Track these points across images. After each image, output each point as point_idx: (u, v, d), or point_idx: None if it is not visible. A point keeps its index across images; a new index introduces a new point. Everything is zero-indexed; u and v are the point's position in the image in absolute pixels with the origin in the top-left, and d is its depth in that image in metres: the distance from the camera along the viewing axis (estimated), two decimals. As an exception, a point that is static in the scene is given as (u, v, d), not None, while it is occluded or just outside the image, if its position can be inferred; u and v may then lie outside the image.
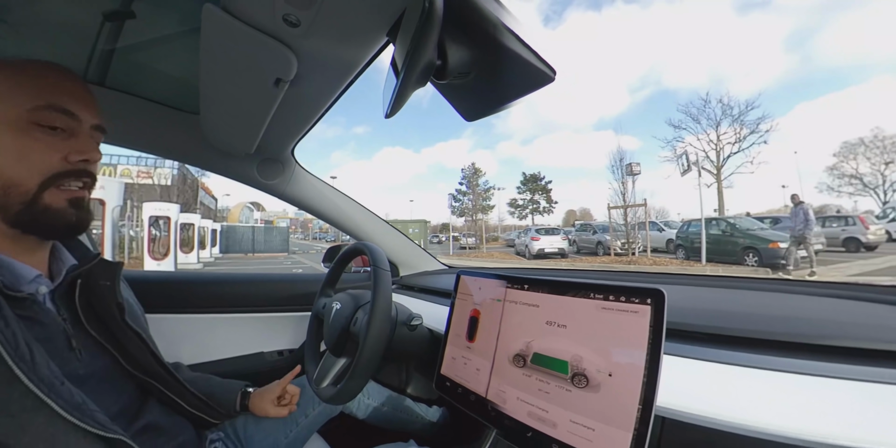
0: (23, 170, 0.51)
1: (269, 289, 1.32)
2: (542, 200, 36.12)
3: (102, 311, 0.60)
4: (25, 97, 0.51)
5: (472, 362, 0.64)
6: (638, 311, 0.47)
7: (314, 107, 0.79)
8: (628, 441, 0.44)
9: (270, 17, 0.48)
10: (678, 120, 21.35)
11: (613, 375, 0.47)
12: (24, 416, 0.40)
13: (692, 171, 13.65)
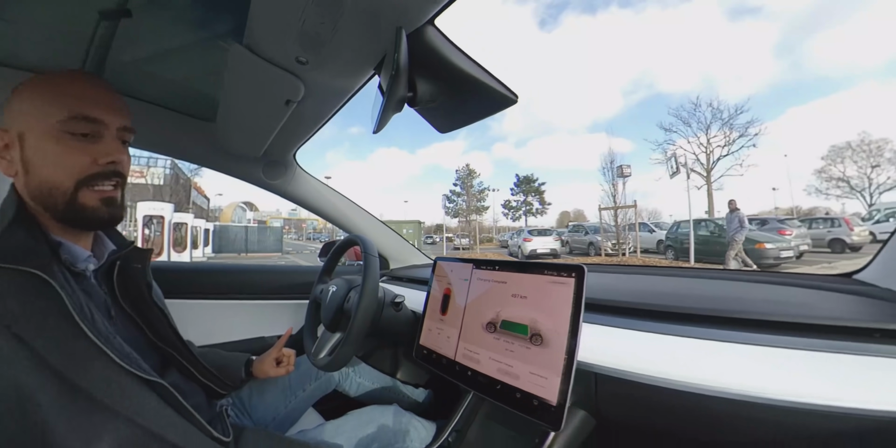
0: (60, 174, 0.58)
1: (269, 278, 1.44)
2: (535, 202, 36.38)
3: (134, 289, 0.70)
4: (56, 110, 0.58)
5: (443, 332, 0.77)
6: (566, 283, 0.59)
7: (315, 120, 0.92)
8: (557, 381, 0.57)
9: (285, 57, 0.61)
10: (669, 123, 21.66)
11: (559, 333, 0.59)
12: (88, 363, 0.51)
13: (681, 174, 13.89)
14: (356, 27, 0.52)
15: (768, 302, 0.72)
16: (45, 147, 0.57)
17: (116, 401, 0.50)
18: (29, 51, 0.84)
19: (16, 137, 0.57)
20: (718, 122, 20.22)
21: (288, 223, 47.84)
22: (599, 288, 0.85)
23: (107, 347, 0.52)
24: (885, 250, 0.68)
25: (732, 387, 0.51)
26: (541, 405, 0.59)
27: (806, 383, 0.48)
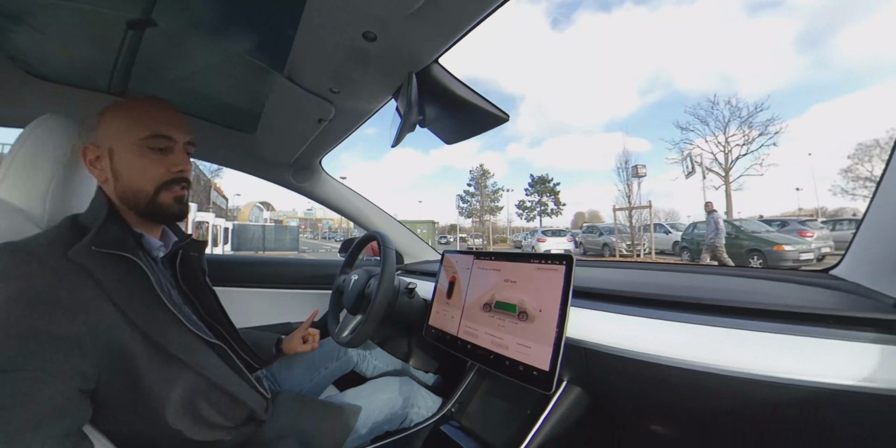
0: (143, 181, 0.71)
1: (294, 270, 1.62)
2: (550, 202, 36.13)
3: (191, 273, 0.85)
4: (138, 130, 0.68)
5: (448, 313, 0.91)
6: (557, 269, 0.72)
7: (341, 133, 1.09)
8: (549, 352, 0.69)
9: (321, 87, 0.77)
10: (686, 122, 21.35)
11: (542, 311, 0.73)
12: (166, 327, 0.65)
13: (697, 174, 13.68)
14: (380, 68, 0.67)
15: (738, 292, 0.81)
16: (130, 160, 0.69)
17: (187, 357, 0.65)
18: (63, 64, 0.99)
19: (106, 152, 0.69)
20: (737, 121, 19.81)
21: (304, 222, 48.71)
22: (590, 279, 0.97)
23: (180, 315, 0.67)
24: (852, 247, 0.73)
25: (698, 360, 0.60)
26: (526, 370, 0.72)
27: (756, 359, 0.56)
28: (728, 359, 0.58)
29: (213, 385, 0.67)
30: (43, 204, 0.70)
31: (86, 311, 0.55)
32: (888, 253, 0.62)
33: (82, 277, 0.57)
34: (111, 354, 0.57)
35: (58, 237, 0.61)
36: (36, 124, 0.72)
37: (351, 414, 0.87)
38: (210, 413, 0.67)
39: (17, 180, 0.69)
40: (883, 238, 0.63)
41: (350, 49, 0.63)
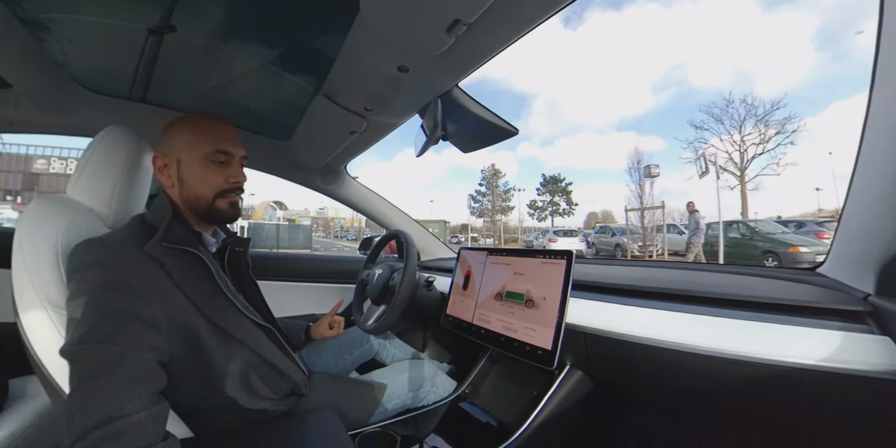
0: (205, 188, 0.78)
1: (319, 265, 1.76)
2: (562, 202, 35.87)
3: (236, 266, 0.97)
4: (204, 145, 0.77)
5: (464, 302, 1.04)
6: (559, 263, 0.83)
7: (368, 143, 1.22)
8: (552, 334, 0.80)
9: (355, 106, 0.90)
10: (700, 120, 20.78)
11: (546, 299, 0.84)
12: (224, 311, 0.77)
13: (711, 173, 13.47)
14: (409, 92, 0.79)
15: (728, 286, 0.87)
16: (195, 170, 0.78)
17: (242, 336, 0.77)
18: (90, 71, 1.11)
19: (174, 161, 0.78)
20: (753, 119, 19.32)
21: (316, 221, 49.31)
22: (589, 274, 1.07)
23: (235, 301, 0.79)
24: (833, 246, 0.80)
25: (685, 342, 0.69)
26: (532, 350, 0.83)
27: (739, 342, 0.65)
28: (714, 342, 0.66)
29: (264, 361, 0.79)
30: (109, 205, 0.81)
31: (160, 297, 0.66)
32: (859, 251, 0.69)
33: (155, 268, 0.68)
34: (181, 333, 0.68)
35: (133, 234, 0.72)
36: (102, 135, 0.81)
37: (378, 390, 0.99)
38: (260, 385, 0.78)
39: (89, 185, 0.79)
40: (855, 238, 0.70)
41: (385, 77, 0.75)
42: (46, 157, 29.73)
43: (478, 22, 0.57)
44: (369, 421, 0.94)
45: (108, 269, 0.63)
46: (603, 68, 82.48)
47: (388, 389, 1.00)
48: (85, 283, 0.61)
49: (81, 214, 0.74)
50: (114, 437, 0.48)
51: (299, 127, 1.15)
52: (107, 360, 0.55)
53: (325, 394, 0.91)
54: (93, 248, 0.65)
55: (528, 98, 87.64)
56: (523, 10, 0.58)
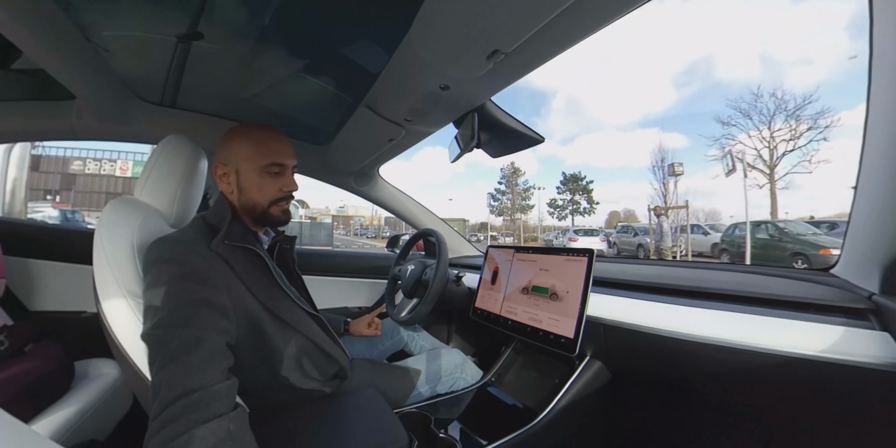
0: (261, 196, 0.85)
1: (351, 261, 1.87)
2: (582, 201, 35.33)
3: (284, 262, 1.06)
4: (262, 157, 0.83)
5: (492, 296, 1.12)
6: (581, 260, 0.91)
7: (402, 148, 1.31)
8: (574, 323, 0.88)
9: (397, 117, 0.99)
10: (727, 116, 19.72)
11: (569, 292, 0.91)
12: (280, 301, 0.86)
13: (738, 171, 12.98)
14: (447, 106, 0.88)
15: (740, 284, 0.91)
16: (252, 179, 0.85)
17: (296, 323, 0.87)
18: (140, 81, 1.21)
19: (233, 170, 0.84)
20: (783, 114, 18.40)
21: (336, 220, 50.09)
22: (609, 271, 1.13)
23: (288, 291, 0.89)
24: (844, 247, 0.83)
25: (693, 333, 0.76)
26: (556, 338, 0.91)
27: (749, 335, 0.71)
28: (726, 334, 0.72)
29: (315, 345, 0.88)
30: (172, 206, 0.89)
31: (227, 288, 0.75)
32: (866, 252, 0.73)
33: (221, 263, 0.77)
34: (245, 320, 0.76)
35: (200, 233, 0.80)
36: (164, 143, 0.90)
37: (414, 374, 1.08)
38: (310, 367, 0.88)
39: (155, 188, 0.86)
40: (862, 239, 0.74)
41: (426, 93, 0.84)
42: (82, 159, 31.10)
43: (514, 49, 0.64)
44: (405, 403, 1.03)
45: (183, 264, 0.71)
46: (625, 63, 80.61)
47: (421, 375, 1.08)
48: (163, 276, 0.69)
49: (150, 214, 0.82)
50: (193, 405, 0.55)
51: (339, 134, 1.26)
52: (185, 342, 0.62)
53: (366, 377, 1.00)
54: (169, 245, 0.73)
55: (547, 95, 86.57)
56: (557, 38, 0.65)
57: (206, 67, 1.17)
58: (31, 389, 0.98)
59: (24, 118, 1.31)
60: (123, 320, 0.70)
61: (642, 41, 78.53)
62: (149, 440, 0.52)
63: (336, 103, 1.26)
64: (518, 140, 0.93)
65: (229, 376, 0.64)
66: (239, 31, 1.00)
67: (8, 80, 1.24)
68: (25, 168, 3.18)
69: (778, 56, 52.61)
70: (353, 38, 0.96)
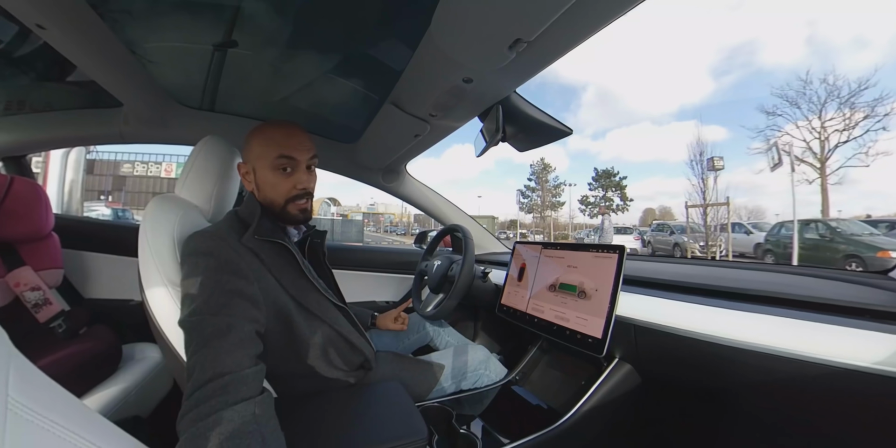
0: (276, 195, 0.87)
1: (379, 257, 1.90)
2: (615, 197, 34.29)
3: (314, 255, 1.09)
4: (269, 151, 0.84)
5: (519, 293, 1.11)
6: (611, 257, 0.88)
7: (429, 144, 1.32)
8: (602, 323, 0.85)
9: (421, 112, 0.99)
10: (772, 105, 18.11)
11: (598, 291, 0.89)
12: (308, 292, 0.89)
13: (784, 165, 12.11)
14: (472, 99, 0.88)
15: (789, 286, 0.85)
16: (266, 176, 0.86)
17: (323, 314, 0.89)
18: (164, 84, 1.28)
19: (251, 169, 0.88)
20: (835, 101, 16.65)
21: (367, 217, 51.07)
22: (642, 270, 1.09)
23: (316, 284, 0.91)
24: None
25: (733, 337, 0.71)
26: (583, 338, 0.89)
27: (786, 339, 0.65)
28: (770, 340, 0.66)
29: (341, 336, 0.91)
30: (209, 202, 0.94)
31: (258, 279, 0.78)
32: None
33: (252, 256, 0.80)
34: (274, 309, 0.79)
35: (232, 227, 0.84)
36: (201, 144, 0.95)
37: (438, 369, 1.08)
38: (335, 357, 0.90)
39: (194, 186, 0.92)
40: None
41: (450, 87, 0.83)
42: (131, 162, 33.86)
43: (537, 38, 0.63)
44: (428, 397, 1.03)
45: (217, 256, 0.74)
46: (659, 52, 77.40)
47: (445, 370, 1.09)
48: (198, 267, 0.73)
49: (190, 210, 0.87)
50: (223, 389, 0.58)
51: (366, 131, 1.27)
52: (218, 329, 0.65)
53: (391, 370, 1.01)
54: (204, 238, 0.77)
55: (576, 89, 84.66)
56: (579, 25, 0.64)
57: (240, 72, 1.24)
58: (84, 368, 1.08)
59: (78, 125, 1.45)
60: (164, 307, 0.75)
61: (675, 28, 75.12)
62: (182, 417, 0.56)
63: (362, 101, 1.29)
64: (545, 132, 0.91)
65: (257, 362, 0.66)
66: (270, 37, 1.05)
67: (64, 91, 1.38)
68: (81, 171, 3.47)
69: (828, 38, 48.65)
70: (376, 37, 0.98)
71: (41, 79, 1.32)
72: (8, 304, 1.18)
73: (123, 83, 1.14)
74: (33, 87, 1.38)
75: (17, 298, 1.20)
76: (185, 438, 0.53)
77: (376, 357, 1.02)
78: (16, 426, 0.33)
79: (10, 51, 1.11)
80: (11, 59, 1.17)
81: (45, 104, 1.44)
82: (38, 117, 1.46)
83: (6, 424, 0.32)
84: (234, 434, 0.53)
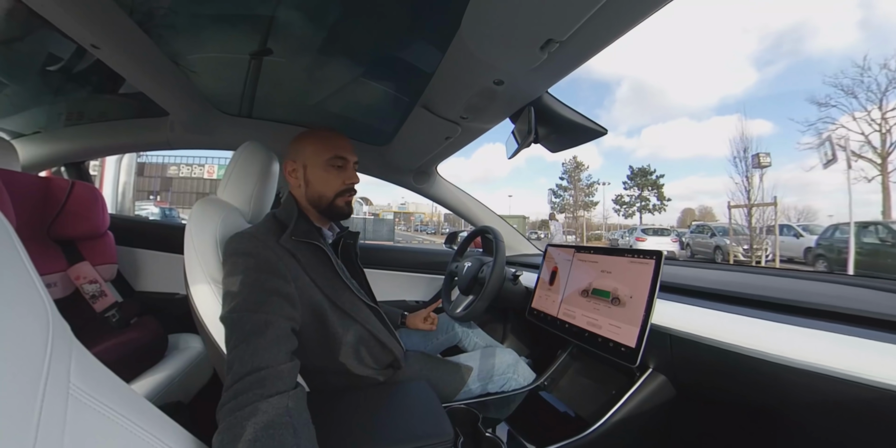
0: (327, 189, 0.93)
1: (410, 256, 1.92)
2: (652, 197, 33.02)
3: (347, 256, 1.12)
4: (325, 151, 0.92)
5: (550, 297, 1.08)
6: (648, 263, 0.85)
7: (459, 146, 1.32)
8: (636, 332, 0.82)
9: (453, 115, 0.99)
10: (825, 96, 16.68)
11: (633, 298, 0.86)
12: (341, 292, 0.91)
13: (840, 162, 11.11)
14: (503, 101, 0.87)
15: (833, 298, 0.78)
16: (318, 173, 0.93)
17: (355, 313, 0.91)
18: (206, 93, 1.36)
19: (301, 166, 0.94)
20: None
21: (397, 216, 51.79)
22: (681, 276, 1.04)
23: (348, 283, 0.93)
24: None
25: (780, 354, 0.65)
26: (615, 346, 0.86)
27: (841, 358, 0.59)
28: (821, 358, 0.60)
29: (372, 335, 0.92)
30: (249, 204, 0.99)
31: (294, 279, 0.81)
32: None
33: (289, 256, 0.83)
34: (309, 308, 0.82)
35: (271, 228, 0.88)
36: (241, 149, 1.00)
37: (466, 371, 1.08)
38: (366, 355, 0.92)
39: (235, 189, 0.97)
40: None
41: (481, 90, 0.83)
42: (177, 165, 36.68)
43: (570, 38, 0.61)
44: (455, 398, 1.04)
45: (257, 256, 0.78)
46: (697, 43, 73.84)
47: (473, 372, 1.08)
48: (239, 266, 0.77)
49: (231, 211, 0.92)
50: (260, 382, 0.61)
51: (398, 134, 1.29)
52: (256, 326, 0.69)
53: (419, 369, 1.03)
54: (245, 239, 0.81)
55: (610, 84, 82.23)
56: (612, 23, 0.62)
57: (275, 79, 1.29)
58: (134, 355, 1.17)
59: (129, 133, 1.58)
60: (207, 302, 0.79)
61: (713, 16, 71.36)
62: (221, 407, 0.60)
63: (394, 104, 1.31)
64: (578, 133, 0.89)
65: (292, 358, 0.70)
66: (303, 44, 1.09)
67: (116, 103, 1.52)
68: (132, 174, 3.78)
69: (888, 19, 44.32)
70: (406, 41, 1.00)
71: (96, 91, 1.44)
72: (69, 295, 1.30)
73: (168, 94, 1.23)
74: (89, 100, 1.51)
75: (77, 290, 1.32)
76: (223, 426, 0.57)
77: (405, 356, 1.03)
78: (76, 410, 0.36)
79: (69, 67, 1.22)
80: (71, 74, 1.28)
81: (100, 114, 1.58)
82: (94, 127, 1.60)
83: (67, 408, 0.36)
84: (269, 424, 0.57)
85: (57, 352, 0.37)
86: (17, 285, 0.36)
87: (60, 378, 0.37)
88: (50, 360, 0.36)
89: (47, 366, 0.35)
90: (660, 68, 79.46)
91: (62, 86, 1.37)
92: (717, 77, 71.39)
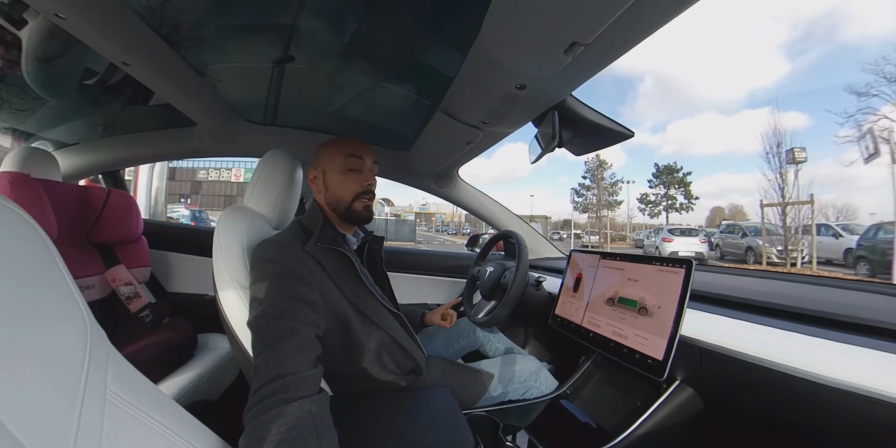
0: (345, 192, 0.94)
1: (432, 260, 1.92)
2: (678, 195, 31.73)
3: (372, 261, 1.13)
4: (340, 152, 0.93)
5: (574, 304, 1.06)
6: (678, 272, 0.82)
7: (480, 150, 1.31)
8: (664, 344, 0.79)
9: (473, 120, 0.98)
10: (865, 84, 14.74)
11: (661, 308, 0.83)
12: (365, 298, 0.92)
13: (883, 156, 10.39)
14: (525, 106, 0.85)
15: (880, 311, 0.71)
16: (336, 177, 0.95)
17: (378, 319, 0.91)
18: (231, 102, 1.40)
19: (321, 172, 0.96)
20: None
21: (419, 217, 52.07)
22: (713, 284, 1.00)
23: (373, 290, 0.94)
24: None
25: (816, 372, 0.60)
26: (641, 358, 0.83)
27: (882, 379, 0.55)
28: (862, 377, 0.57)
29: (394, 341, 0.93)
30: (274, 211, 1.01)
31: (319, 285, 0.83)
32: None
33: (314, 263, 0.85)
34: (333, 314, 0.84)
35: (296, 235, 0.90)
36: (266, 157, 1.02)
37: (487, 377, 1.07)
38: (388, 361, 0.92)
39: (260, 196, 0.99)
40: None
41: (503, 94, 0.82)
42: (206, 169, 38.87)
43: (595, 40, 0.60)
44: (475, 405, 1.03)
45: (282, 263, 0.80)
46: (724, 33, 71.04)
47: (494, 379, 1.07)
48: (265, 273, 0.78)
49: (257, 218, 0.94)
50: (285, 387, 0.63)
51: (419, 139, 1.29)
52: (281, 332, 0.70)
53: (440, 375, 1.02)
54: (271, 247, 0.83)
55: (633, 79, 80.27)
56: (642, 22, 0.59)
57: (297, 86, 1.32)
58: (166, 354, 1.21)
59: (159, 143, 1.67)
60: (234, 306, 0.81)
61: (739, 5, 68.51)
62: (248, 410, 0.63)
63: (415, 109, 1.31)
64: (603, 136, 0.87)
65: (316, 364, 0.72)
66: (324, 50, 1.11)
67: (148, 114, 1.60)
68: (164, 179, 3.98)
69: None
70: (426, 46, 1.00)
71: (129, 103, 1.51)
72: (106, 297, 1.37)
73: (195, 104, 1.28)
74: (124, 111, 1.59)
75: (113, 292, 1.38)
76: (249, 429, 0.59)
77: (427, 362, 1.04)
78: (112, 415, 0.38)
79: (104, 80, 1.29)
80: (106, 87, 1.35)
81: (134, 124, 1.66)
82: (128, 137, 1.69)
83: (105, 413, 0.38)
84: (292, 427, 0.59)
85: (95, 360, 0.39)
86: (59, 300, 0.38)
87: (98, 385, 0.39)
88: (88, 368, 0.38)
89: (85, 374, 0.37)
90: (684, 61, 77.03)
91: (98, 98, 1.44)
92: (745, 69, 68.55)
